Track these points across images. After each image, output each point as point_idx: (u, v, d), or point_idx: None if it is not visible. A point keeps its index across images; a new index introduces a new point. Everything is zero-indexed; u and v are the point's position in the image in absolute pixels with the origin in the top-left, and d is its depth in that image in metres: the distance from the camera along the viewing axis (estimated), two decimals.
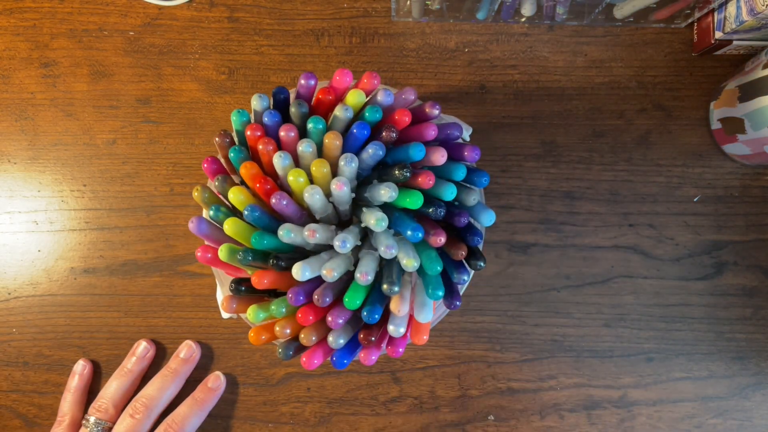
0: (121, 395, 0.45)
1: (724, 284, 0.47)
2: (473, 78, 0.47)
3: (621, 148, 0.47)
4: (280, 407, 0.48)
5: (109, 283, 0.48)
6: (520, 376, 0.47)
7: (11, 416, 0.48)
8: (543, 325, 0.47)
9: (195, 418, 0.45)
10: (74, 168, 0.48)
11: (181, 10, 0.48)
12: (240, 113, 0.33)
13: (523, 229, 0.47)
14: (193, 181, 0.48)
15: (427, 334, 0.32)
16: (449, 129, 0.34)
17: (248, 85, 0.48)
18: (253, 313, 0.32)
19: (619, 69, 0.47)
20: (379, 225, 0.30)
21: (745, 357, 0.47)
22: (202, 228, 0.33)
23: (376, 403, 0.47)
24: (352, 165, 0.31)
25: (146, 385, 0.45)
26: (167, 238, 0.48)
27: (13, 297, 0.48)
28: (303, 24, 0.48)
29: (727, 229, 0.47)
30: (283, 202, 0.31)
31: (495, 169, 0.47)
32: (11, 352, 0.48)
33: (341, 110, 0.33)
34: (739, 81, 0.43)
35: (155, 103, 0.48)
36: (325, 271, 0.30)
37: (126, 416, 0.44)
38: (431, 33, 0.47)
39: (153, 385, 0.45)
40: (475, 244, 0.33)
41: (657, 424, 0.47)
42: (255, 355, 0.48)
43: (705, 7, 0.44)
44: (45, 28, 0.48)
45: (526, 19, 0.47)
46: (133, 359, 0.46)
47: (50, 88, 0.48)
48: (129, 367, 0.46)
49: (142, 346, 0.47)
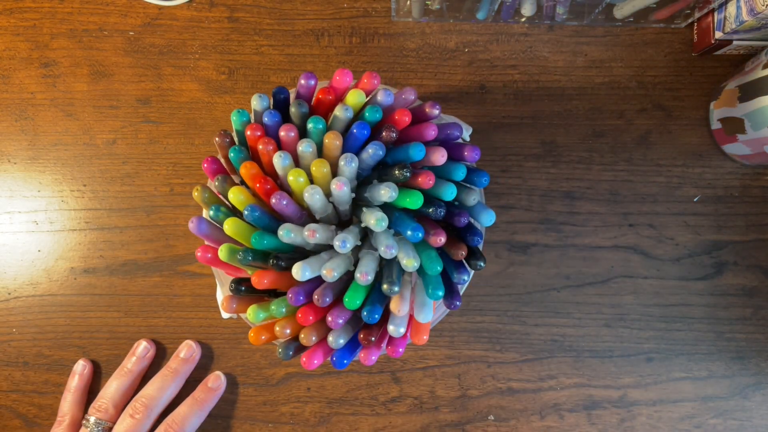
0: (121, 395, 0.45)
1: (724, 284, 0.47)
2: (473, 78, 0.47)
3: (621, 148, 0.47)
4: (280, 407, 0.48)
5: (109, 283, 0.48)
6: (520, 376, 0.47)
7: (11, 416, 0.48)
8: (543, 325, 0.47)
9: (195, 418, 0.45)
10: (74, 168, 0.48)
11: (181, 10, 0.48)
12: (240, 113, 0.33)
13: (523, 229, 0.47)
14: (193, 181, 0.48)
15: (427, 334, 0.32)
16: (449, 129, 0.34)
17: (248, 85, 0.48)
18: (253, 313, 0.32)
19: (619, 69, 0.47)
20: (379, 225, 0.30)
21: (745, 357, 0.47)
22: (202, 228, 0.33)
23: (376, 403, 0.47)
24: (352, 165, 0.31)
25: (146, 385, 0.45)
26: (167, 238, 0.48)
27: (13, 297, 0.48)
28: (303, 24, 0.48)
29: (727, 229, 0.47)
30: (283, 202, 0.31)
31: (495, 169, 0.47)
32: (11, 352, 0.48)
33: (341, 110, 0.33)
34: (739, 81, 0.43)
35: (155, 103, 0.48)
36: (325, 271, 0.30)
37: (126, 416, 0.44)
38: (431, 33, 0.47)
39: (153, 385, 0.45)
40: (475, 244, 0.33)
41: (657, 424, 0.47)
42: (255, 355, 0.48)
43: (705, 7, 0.44)
44: (45, 28, 0.48)
45: (526, 19, 0.47)
46: (133, 359, 0.46)
47: (50, 88, 0.48)
48: (129, 367, 0.46)
49: (142, 346, 0.47)
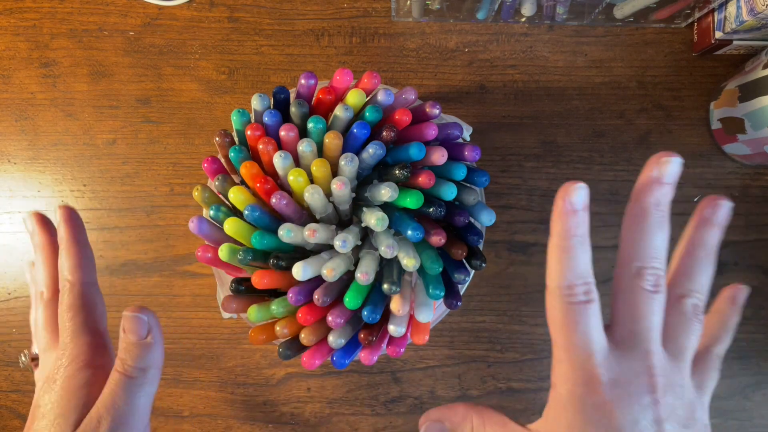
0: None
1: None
2: (473, 78, 0.47)
3: (621, 148, 0.47)
4: (280, 407, 0.48)
5: (109, 283, 0.48)
6: (521, 376, 0.47)
7: (11, 416, 0.48)
8: (543, 325, 0.47)
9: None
10: (74, 168, 0.48)
11: (181, 10, 0.48)
12: (240, 113, 0.33)
13: (523, 229, 0.47)
14: (193, 181, 0.48)
15: (428, 333, 0.32)
16: (449, 129, 0.34)
17: (248, 85, 0.48)
18: (253, 313, 0.32)
19: (619, 69, 0.47)
20: (379, 225, 0.30)
21: (746, 357, 0.47)
22: (202, 228, 0.33)
23: (376, 403, 0.47)
24: (352, 164, 0.31)
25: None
26: (167, 238, 0.48)
27: (13, 297, 0.48)
28: (303, 24, 0.48)
29: (727, 229, 0.47)
30: (283, 201, 0.31)
31: (495, 169, 0.47)
32: (11, 352, 0.48)
33: (341, 110, 0.33)
34: (739, 81, 0.43)
35: (155, 103, 0.48)
36: (326, 270, 0.30)
37: None
38: (431, 33, 0.47)
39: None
40: (475, 243, 0.33)
41: None
42: (255, 355, 0.48)
43: (705, 7, 0.44)
44: (45, 28, 0.48)
45: (526, 19, 0.47)
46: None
47: (50, 88, 0.48)
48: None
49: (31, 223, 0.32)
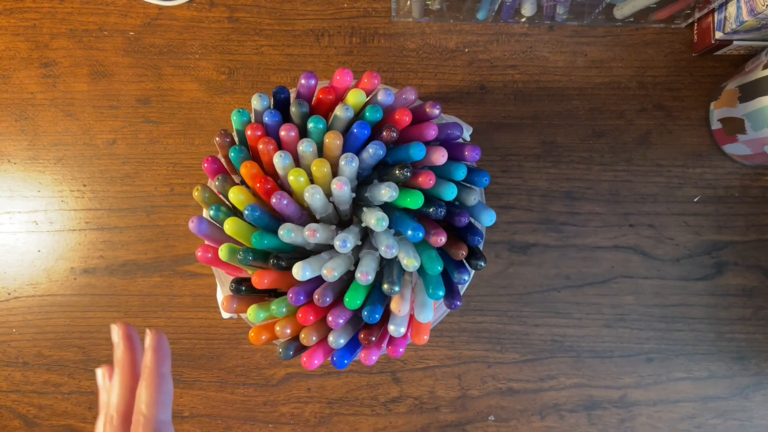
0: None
1: (724, 284, 0.47)
2: (473, 78, 0.47)
3: (621, 148, 0.47)
4: (280, 407, 0.48)
5: (109, 283, 0.48)
6: (520, 377, 0.47)
7: (11, 416, 0.48)
8: (543, 325, 0.47)
9: (160, 395, 0.30)
10: (74, 168, 0.48)
11: (181, 10, 0.48)
12: (240, 113, 0.33)
13: (523, 229, 0.47)
14: (193, 181, 0.48)
15: (428, 334, 0.32)
16: (449, 129, 0.34)
17: (248, 85, 0.48)
18: (253, 313, 0.32)
19: (619, 69, 0.47)
20: (379, 225, 0.30)
21: (746, 357, 0.47)
22: (202, 228, 0.33)
23: (376, 404, 0.47)
24: (352, 165, 0.31)
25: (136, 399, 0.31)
26: (167, 238, 0.48)
27: (13, 297, 0.48)
28: (303, 24, 0.48)
29: (727, 229, 0.47)
30: (283, 201, 0.31)
31: (495, 169, 0.47)
32: (11, 352, 0.48)
33: (342, 110, 0.32)
34: (739, 81, 0.43)
35: (155, 103, 0.48)
36: (326, 270, 0.30)
37: None
38: (431, 33, 0.47)
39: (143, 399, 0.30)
40: (475, 243, 0.33)
41: (657, 424, 0.47)
42: (255, 355, 0.48)
43: (705, 8, 0.44)
44: (45, 28, 0.48)
45: (526, 19, 0.47)
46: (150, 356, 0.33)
47: (50, 88, 0.48)
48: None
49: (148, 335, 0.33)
